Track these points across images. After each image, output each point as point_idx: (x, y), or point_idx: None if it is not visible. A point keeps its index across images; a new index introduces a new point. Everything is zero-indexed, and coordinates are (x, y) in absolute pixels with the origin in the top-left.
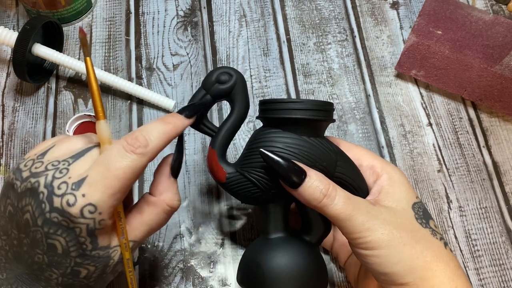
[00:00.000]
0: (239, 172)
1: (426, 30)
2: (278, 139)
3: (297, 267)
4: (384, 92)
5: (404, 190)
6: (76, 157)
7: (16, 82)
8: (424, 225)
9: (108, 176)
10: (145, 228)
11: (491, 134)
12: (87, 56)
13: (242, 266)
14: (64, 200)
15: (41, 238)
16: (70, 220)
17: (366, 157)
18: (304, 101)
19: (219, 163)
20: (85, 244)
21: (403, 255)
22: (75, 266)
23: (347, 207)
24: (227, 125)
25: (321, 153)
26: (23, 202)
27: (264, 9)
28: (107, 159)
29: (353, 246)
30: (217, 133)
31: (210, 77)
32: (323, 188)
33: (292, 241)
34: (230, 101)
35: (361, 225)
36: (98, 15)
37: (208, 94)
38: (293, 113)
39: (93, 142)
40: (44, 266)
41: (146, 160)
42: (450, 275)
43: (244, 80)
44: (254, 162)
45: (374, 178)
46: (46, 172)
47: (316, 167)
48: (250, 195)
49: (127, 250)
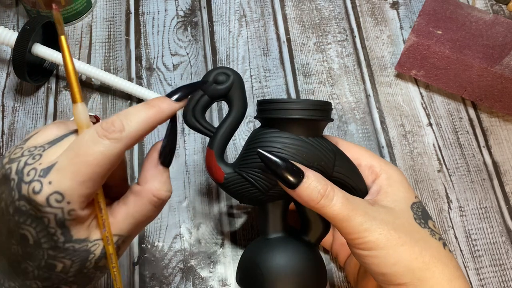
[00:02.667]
0: (237, 172)
1: (426, 30)
2: (276, 139)
3: (296, 267)
4: (384, 92)
5: (403, 190)
6: (53, 143)
7: (16, 82)
8: (423, 225)
9: (77, 162)
10: (131, 221)
11: (491, 134)
12: (62, 34)
13: (241, 266)
14: (30, 187)
15: (14, 228)
16: (37, 209)
17: (365, 156)
18: (302, 101)
19: (217, 163)
20: (56, 236)
21: (401, 256)
22: (49, 259)
23: (345, 208)
24: (225, 126)
25: (319, 153)
26: (0, 189)
27: (264, 9)
28: (78, 145)
29: (352, 247)
30: (215, 133)
31: (208, 77)
32: (321, 188)
33: (291, 241)
34: (228, 101)
35: (359, 226)
36: (98, 15)
37: (206, 95)
38: (291, 113)
39: None
40: (19, 258)
41: (121, 146)
42: (448, 276)
43: (242, 80)
44: (252, 162)
45: (373, 178)
46: (20, 158)
47: (314, 167)
48: (249, 195)
49: (109, 244)
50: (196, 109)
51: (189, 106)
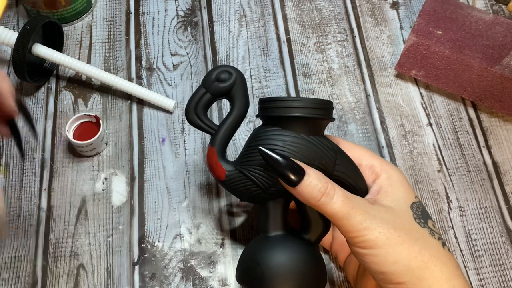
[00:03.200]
0: (239, 170)
1: (426, 30)
2: (277, 137)
3: (295, 265)
4: (384, 92)
5: (402, 190)
6: None
7: (16, 82)
8: (422, 224)
9: None
10: None
11: (491, 134)
12: None
13: (241, 264)
14: None
15: None
16: None
17: (366, 156)
18: (303, 99)
19: (218, 161)
20: None
21: (400, 255)
22: None
23: (345, 206)
24: (227, 123)
25: (320, 151)
26: None
27: (264, 9)
28: None
29: (351, 245)
30: (216, 131)
31: (210, 75)
32: (322, 186)
33: (291, 239)
34: (230, 99)
35: (359, 224)
36: (98, 15)
37: (208, 93)
38: (292, 111)
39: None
40: None
41: None
42: (447, 275)
43: (244, 79)
44: (254, 160)
45: (373, 178)
46: None
47: (315, 165)
48: (250, 193)
49: None
50: (198, 107)
51: (191, 104)
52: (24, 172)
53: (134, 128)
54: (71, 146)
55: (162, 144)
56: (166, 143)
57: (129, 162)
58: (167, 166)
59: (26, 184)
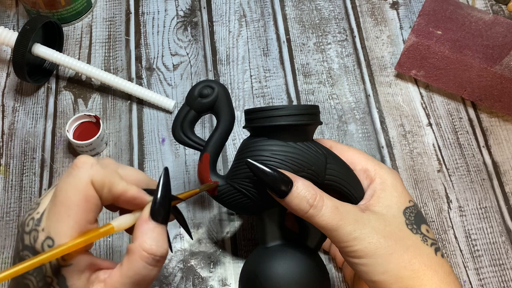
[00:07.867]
0: (229, 183)
1: (426, 30)
2: (265, 147)
3: (294, 275)
4: (384, 92)
5: (396, 195)
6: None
7: (16, 82)
8: (415, 231)
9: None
10: (126, 281)
11: (491, 134)
12: None
13: (242, 277)
14: (31, 236)
15: (19, 278)
16: None
17: (360, 160)
18: (286, 107)
19: (210, 177)
20: (53, 286)
21: (390, 265)
22: None
23: (334, 217)
24: (214, 138)
25: (309, 157)
26: None
27: (264, 9)
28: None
29: (343, 254)
30: (204, 146)
31: (193, 92)
32: (310, 198)
33: (289, 248)
34: (215, 113)
35: (349, 235)
36: (98, 15)
37: (192, 110)
38: (276, 120)
39: None
40: None
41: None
42: (437, 284)
43: (227, 92)
44: (242, 172)
45: (368, 182)
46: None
47: (305, 173)
48: (242, 205)
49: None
50: (184, 125)
51: (177, 123)
52: (24, 172)
53: (134, 128)
54: (71, 146)
55: (162, 144)
56: (166, 143)
57: (129, 162)
58: (167, 166)
59: (26, 184)
